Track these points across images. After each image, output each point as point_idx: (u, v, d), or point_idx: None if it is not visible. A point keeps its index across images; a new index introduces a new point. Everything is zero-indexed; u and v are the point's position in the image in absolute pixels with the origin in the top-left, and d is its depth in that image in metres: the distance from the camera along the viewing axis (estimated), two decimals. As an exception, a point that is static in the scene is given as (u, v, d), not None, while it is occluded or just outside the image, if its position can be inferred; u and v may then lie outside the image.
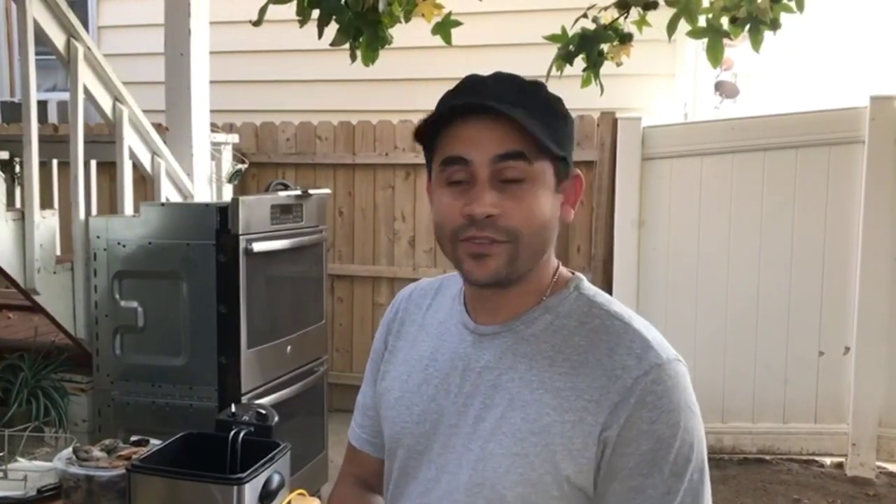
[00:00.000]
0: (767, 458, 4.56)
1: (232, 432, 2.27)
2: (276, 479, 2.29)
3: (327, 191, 4.16)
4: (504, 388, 1.04)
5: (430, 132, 1.08)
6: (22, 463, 2.48)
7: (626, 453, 0.97)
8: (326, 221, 4.01)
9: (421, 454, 1.11)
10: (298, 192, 3.59)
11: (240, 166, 5.00)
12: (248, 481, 2.19)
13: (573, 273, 1.13)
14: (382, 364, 1.23)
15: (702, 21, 2.64)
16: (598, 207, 4.77)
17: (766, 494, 4.13)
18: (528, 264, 1.04)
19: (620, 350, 1.01)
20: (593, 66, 2.77)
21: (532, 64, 3.76)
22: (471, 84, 1.09)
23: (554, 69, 2.75)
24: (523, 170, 1.01)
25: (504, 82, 1.06)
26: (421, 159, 4.61)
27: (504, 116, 1.00)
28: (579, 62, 2.80)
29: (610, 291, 4.68)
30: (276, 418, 2.53)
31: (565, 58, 2.74)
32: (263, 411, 2.37)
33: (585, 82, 2.82)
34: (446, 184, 1.05)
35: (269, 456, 2.33)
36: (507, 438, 1.02)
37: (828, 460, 4.52)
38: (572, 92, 3.38)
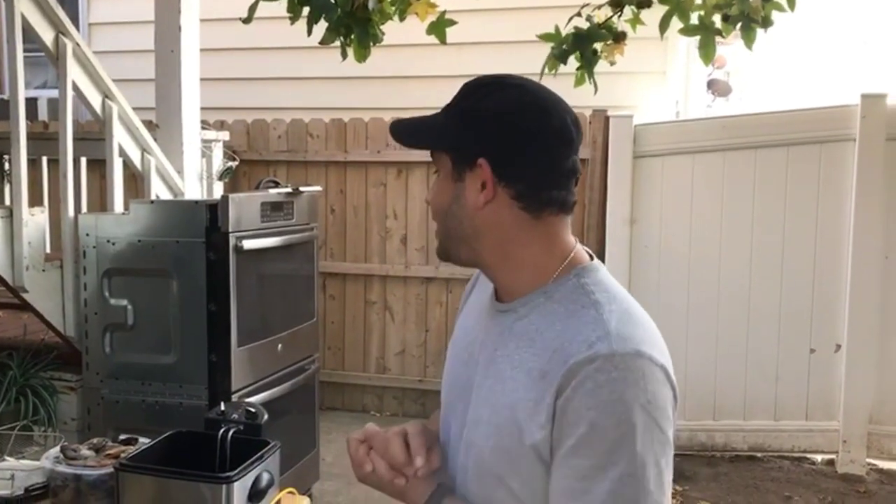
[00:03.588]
0: (759, 455, 4.57)
1: (221, 431, 2.26)
2: (265, 477, 2.27)
3: (318, 188, 4.14)
4: (496, 363, 1.15)
5: None
6: (10, 462, 2.47)
7: (567, 434, 1.03)
8: (318, 219, 3.99)
9: (449, 413, 1.25)
10: (289, 190, 3.58)
11: (230, 164, 4.98)
12: (236, 480, 2.17)
13: (592, 259, 1.19)
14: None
15: (694, 19, 2.63)
16: (589, 205, 4.77)
17: (757, 492, 4.14)
18: (452, 243, 1.19)
19: (580, 337, 1.05)
20: (587, 64, 2.76)
21: (525, 62, 3.74)
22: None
23: (547, 68, 2.74)
24: (436, 162, 1.19)
25: (458, 92, 1.21)
26: (413, 157, 4.63)
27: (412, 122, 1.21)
28: (572, 60, 2.80)
29: (602, 289, 4.69)
30: (266, 416, 2.52)
31: (559, 56, 2.73)
32: (253, 409, 2.36)
33: (579, 81, 2.81)
34: None
35: (259, 454, 2.32)
36: (489, 409, 1.12)
37: (819, 457, 4.53)
38: (564, 90, 3.38)
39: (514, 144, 1.12)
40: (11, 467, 2.40)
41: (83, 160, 3.99)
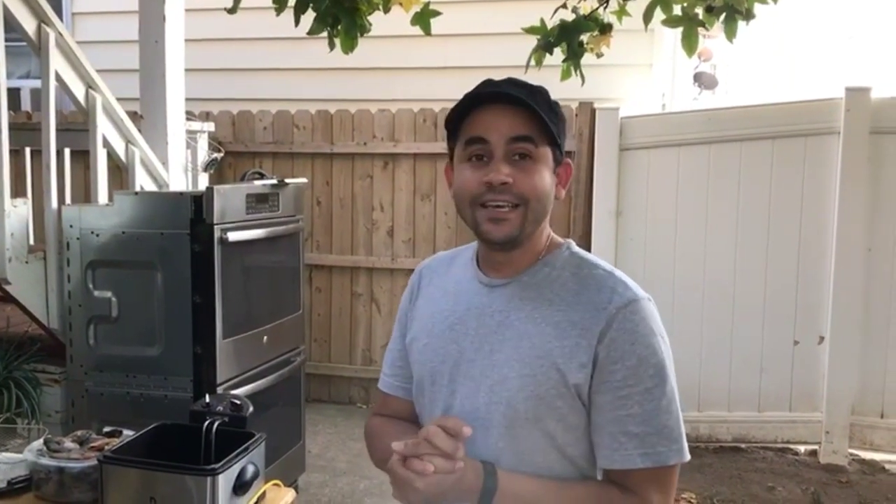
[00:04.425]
0: (743, 446, 4.60)
1: (206, 423, 2.26)
2: (250, 469, 2.27)
3: (304, 180, 4.13)
4: (513, 326, 1.30)
5: (456, 118, 1.33)
6: (-8, 454, 2.45)
7: (614, 370, 1.23)
8: (304, 211, 3.98)
9: (445, 386, 1.36)
10: (275, 182, 3.56)
11: (216, 155, 4.95)
12: (221, 472, 2.17)
13: (565, 239, 1.40)
14: (408, 321, 1.49)
15: (677, 10, 2.63)
16: (575, 197, 4.78)
17: (741, 482, 4.17)
18: (532, 227, 1.30)
19: (605, 289, 1.28)
20: (573, 56, 2.76)
21: (510, 54, 3.75)
22: (489, 84, 1.33)
23: (533, 60, 2.73)
24: (531, 150, 1.27)
25: (516, 84, 1.31)
26: (399, 149, 4.64)
27: (517, 107, 1.26)
28: (558, 52, 2.79)
29: (588, 281, 4.71)
30: (251, 409, 2.51)
31: (545, 48, 2.72)
32: (238, 402, 2.36)
33: (565, 74, 2.81)
34: (468, 159, 1.31)
35: (244, 447, 2.32)
36: (518, 363, 1.27)
37: (802, 448, 4.57)
38: (549, 82, 3.37)
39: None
40: (-6, 460, 2.38)
41: (66, 151, 3.95)
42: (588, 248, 4.66)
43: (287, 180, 3.63)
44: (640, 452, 1.22)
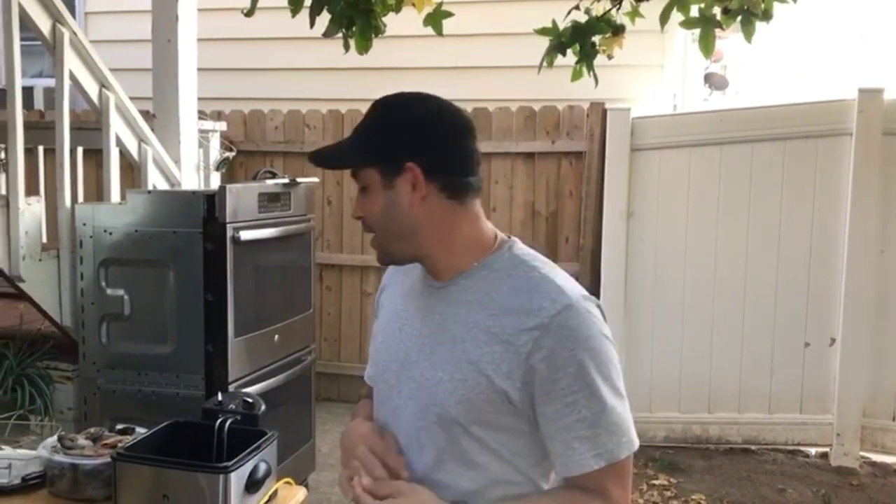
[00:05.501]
0: (753, 448, 4.59)
1: (218, 421, 2.27)
2: (262, 467, 2.28)
3: (315, 179, 4.14)
4: (449, 329, 1.32)
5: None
6: (6, 451, 2.46)
7: (557, 378, 1.23)
8: (315, 210, 3.99)
9: (392, 387, 1.40)
10: (286, 181, 3.58)
11: (227, 154, 4.97)
12: (234, 470, 2.18)
13: (509, 237, 1.38)
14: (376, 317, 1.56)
15: (694, 11, 2.63)
16: (586, 198, 4.77)
17: (751, 484, 4.16)
18: (398, 244, 1.34)
19: (537, 295, 1.27)
20: (586, 57, 2.75)
21: (522, 54, 3.76)
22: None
23: (546, 61, 2.73)
24: (362, 181, 1.33)
25: (367, 114, 1.38)
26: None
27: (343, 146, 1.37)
28: (570, 53, 2.79)
29: (597, 282, 4.71)
30: (263, 407, 2.52)
31: (557, 49, 2.72)
32: (250, 400, 2.37)
33: (577, 75, 2.81)
34: None
35: (256, 444, 2.32)
36: (452, 367, 1.29)
37: (813, 450, 4.56)
38: (562, 82, 3.37)
39: (436, 144, 1.32)
40: (8, 456, 2.40)
41: (79, 150, 3.97)
42: (598, 250, 4.70)
43: (299, 179, 3.64)
44: (592, 454, 1.24)
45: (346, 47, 2.73)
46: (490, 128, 4.99)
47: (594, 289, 4.74)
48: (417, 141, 1.32)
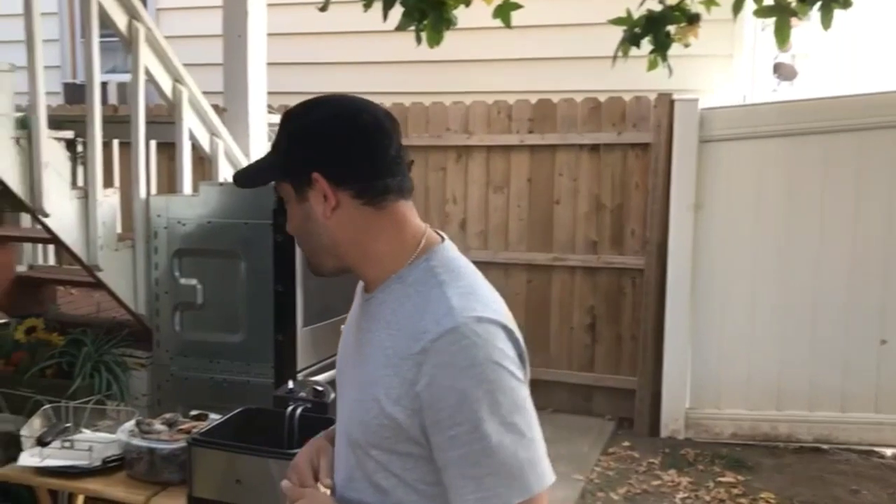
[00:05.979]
0: (824, 447, 4.48)
1: (289, 408, 2.31)
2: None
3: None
4: (363, 346, 1.27)
5: None
6: (87, 434, 2.55)
7: (440, 408, 1.12)
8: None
9: (338, 394, 1.39)
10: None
11: (294, 147, 5.02)
12: (306, 456, 2.22)
13: (443, 239, 1.28)
14: None
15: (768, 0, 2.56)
16: (653, 190, 4.71)
17: (823, 484, 4.05)
18: (321, 257, 1.29)
19: (428, 316, 1.16)
20: (660, 47, 2.71)
21: (592, 45, 3.70)
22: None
23: (620, 52, 2.70)
24: (283, 196, 1.28)
25: (279, 126, 1.32)
26: (472, 141, 4.61)
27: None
28: (644, 44, 2.75)
29: (664, 276, 4.64)
30: (333, 395, 2.56)
31: (631, 40, 2.68)
32: (320, 388, 2.40)
33: (651, 65, 2.77)
34: None
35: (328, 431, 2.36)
36: (357, 387, 1.25)
37: (888, 451, 4.42)
38: (628, 73, 3.32)
39: (337, 150, 1.23)
40: (89, 439, 2.49)
41: (153, 143, 4.08)
42: (664, 243, 4.62)
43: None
44: (475, 497, 1.12)
45: (419, 40, 2.75)
46: (555, 119, 4.96)
47: (660, 283, 4.68)
48: (317, 150, 1.24)
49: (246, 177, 1.34)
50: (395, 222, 1.25)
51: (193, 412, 2.62)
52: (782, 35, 2.46)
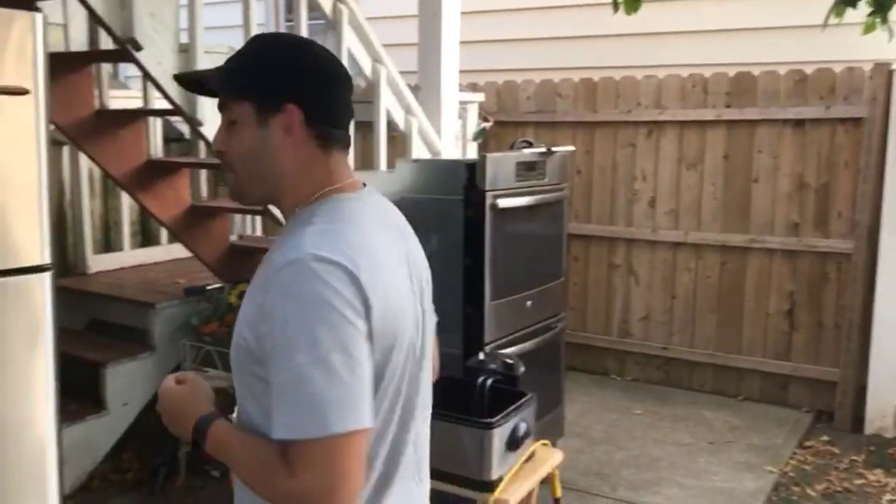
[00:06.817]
0: None
1: (480, 378, 2.37)
2: (522, 427, 2.36)
3: (571, 148, 4.13)
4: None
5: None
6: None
7: (272, 334, 1.17)
8: (567, 180, 4.00)
9: None
10: (543, 150, 3.61)
11: (484, 125, 5.11)
12: (497, 426, 2.27)
13: (363, 186, 1.35)
14: None
15: None
16: (865, 169, 4.35)
17: None
18: (259, 187, 1.31)
19: (281, 249, 1.22)
20: (881, 8, 2.48)
21: (797, 8, 3.42)
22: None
23: (833, 14, 2.51)
24: (231, 114, 1.28)
25: (247, 44, 1.34)
26: (665, 117, 4.47)
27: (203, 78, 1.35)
28: (861, 6, 2.53)
29: (874, 262, 4.29)
30: (523, 368, 2.60)
31: (846, 2, 2.48)
32: (510, 361, 2.45)
33: (868, 28, 2.55)
34: None
35: (518, 404, 2.40)
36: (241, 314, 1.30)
37: None
38: (838, 41, 3.06)
39: (320, 91, 1.28)
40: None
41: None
42: (877, 227, 4.27)
43: (554, 149, 3.66)
44: (279, 423, 1.15)
45: (616, 8, 2.69)
46: (754, 93, 4.70)
47: (870, 269, 4.34)
48: (301, 83, 1.28)
49: (200, 83, 1.37)
50: (331, 169, 1.31)
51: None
52: None
